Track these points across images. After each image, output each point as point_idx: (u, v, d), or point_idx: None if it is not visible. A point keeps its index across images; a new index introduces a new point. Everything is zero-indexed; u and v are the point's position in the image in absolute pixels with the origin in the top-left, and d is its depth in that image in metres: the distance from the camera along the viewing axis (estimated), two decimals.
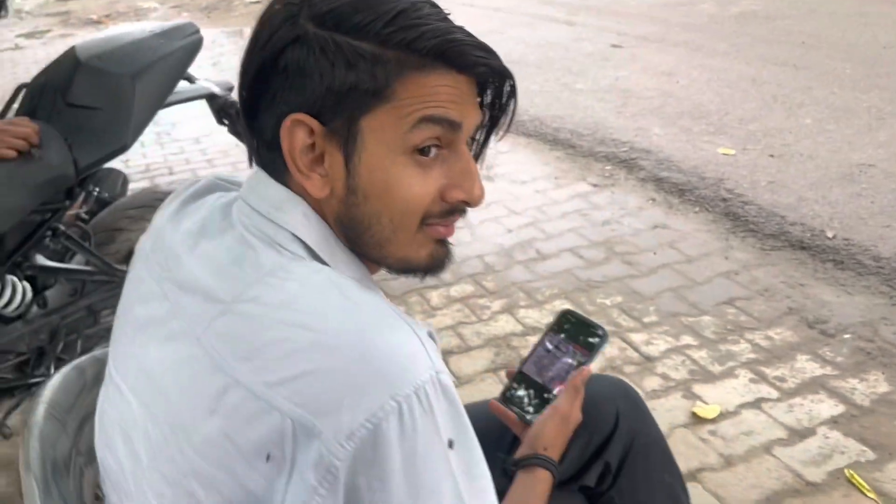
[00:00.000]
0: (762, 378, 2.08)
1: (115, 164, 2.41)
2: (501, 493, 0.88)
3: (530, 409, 0.99)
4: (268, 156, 0.69)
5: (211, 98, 2.18)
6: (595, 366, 1.01)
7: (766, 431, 1.88)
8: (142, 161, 4.18)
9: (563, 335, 1.02)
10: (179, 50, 1.86)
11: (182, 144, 4.41)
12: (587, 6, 7.21)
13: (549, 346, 1.02)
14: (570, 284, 2.63)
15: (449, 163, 0.69)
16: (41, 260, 1.90)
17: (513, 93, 0.72)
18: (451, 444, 0.60)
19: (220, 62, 6.02)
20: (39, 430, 0.76)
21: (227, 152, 4.15)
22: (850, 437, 1.84)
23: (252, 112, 0.68)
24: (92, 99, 1.76)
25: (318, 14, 0.64)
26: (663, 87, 4.66)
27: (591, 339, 1.00)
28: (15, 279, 1.84)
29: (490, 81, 0.70)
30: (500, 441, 1.01)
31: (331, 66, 0.63)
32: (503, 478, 0.92)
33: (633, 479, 1.02)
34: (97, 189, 2.14)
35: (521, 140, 4.08)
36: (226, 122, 2.22)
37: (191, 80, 2.17)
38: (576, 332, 1.02)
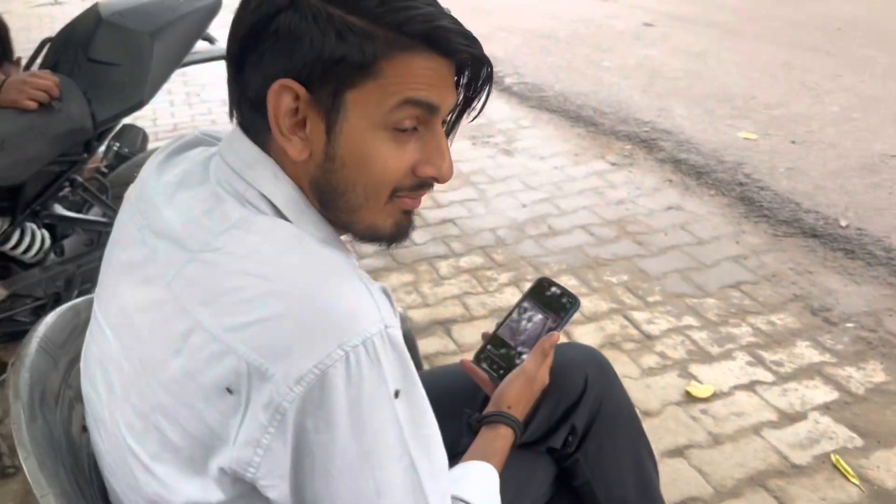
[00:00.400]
0: (759, 361, 2.09)
1: (144, 122, 2.48)
2: (466, 448, 0.93)
3: (501, 370, 1.03)
4: (249, 114, 0.72)
5: None
6: (565, 331, 1.05)
7: (757, 413, 1.90)
8: (170, 120, 4.26)
9: (537, 301, 1.06)
10: (199, 10, 1.90)
11: (210, 105, 4.47)
12: None
13: (524, 312, 1.06)
14: (579, 261, 2.65)
15: (424, 140, 0.72)
16: (60, 210, 1.97)
17: (489, 77, 0.74)
18: (397, 394, 0.64)
19: None
20: (31, 360, 0.81)
21: None
22: (841, 423, 1.85)
23: (238, 68, 0.71)
24: (112, 55, 1.81)
25: None
26: (692, 67, 4.61)
27: (563, 307, 1.04)
28: (34, 227, 1.91)
29: (468, 64, 0.73)
30: (472, 399, 1.06)
31: (321, 35, 0.64)
32: (469, 433, 0.97)
33: (599, 442, 1.06)
34: (117, 144, 2.20)
35: (544, 115, 4.08)
36: None
37: (211, 40, 2.21)
38: (550, 299, 1.06)
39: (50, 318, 0.89)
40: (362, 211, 0.73)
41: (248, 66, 0.69)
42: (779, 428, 1.85)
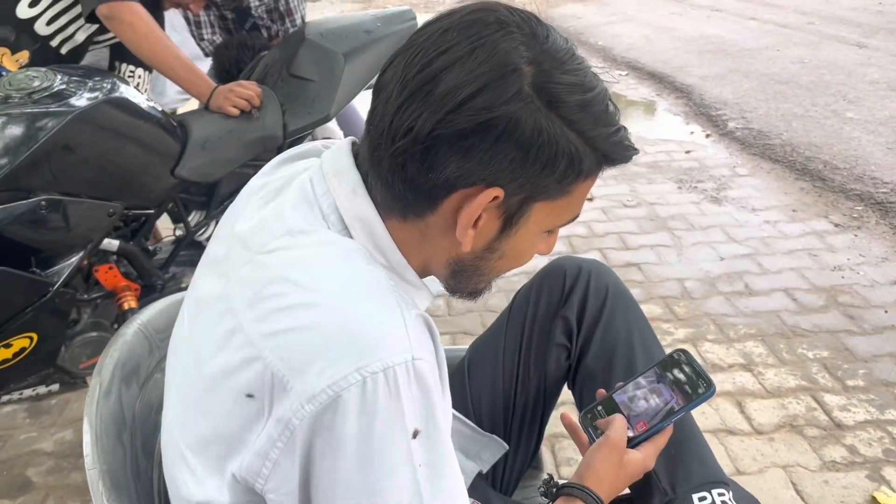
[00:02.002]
0: None
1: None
2: None
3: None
4: (402, 188, 0.66)
5: None
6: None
7: None
8: None
9: (668, 375, 0.91)
10: (392, 35, 1.97)
11: None
12: (889, 28, 6.40)
13: (649, 382, 0.92)
14: (772, 327, 2.38)
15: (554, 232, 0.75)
16: None
17: None
18: (415, 434, 0.59)
19: None
20: (124, 340, 0.86)
21: None
22: None
23: (418, 138, 0.62)
24: (308, 71, 1.93)
25: (545, 88, 0.61)
26: None
27: (695, 390, 0.88)
28: None
29: None
30: None
31: (539, 150, 0.62)
32: (545, 496, 0.88)
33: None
34: None
35: (765, 165, 3.75)
36: None
37: None
38: (683, 376, 0.90)
39: (159, 304, 0.94)
40: (485, 283, 0.75)
41: (441, 147, 0.62)
42: None
